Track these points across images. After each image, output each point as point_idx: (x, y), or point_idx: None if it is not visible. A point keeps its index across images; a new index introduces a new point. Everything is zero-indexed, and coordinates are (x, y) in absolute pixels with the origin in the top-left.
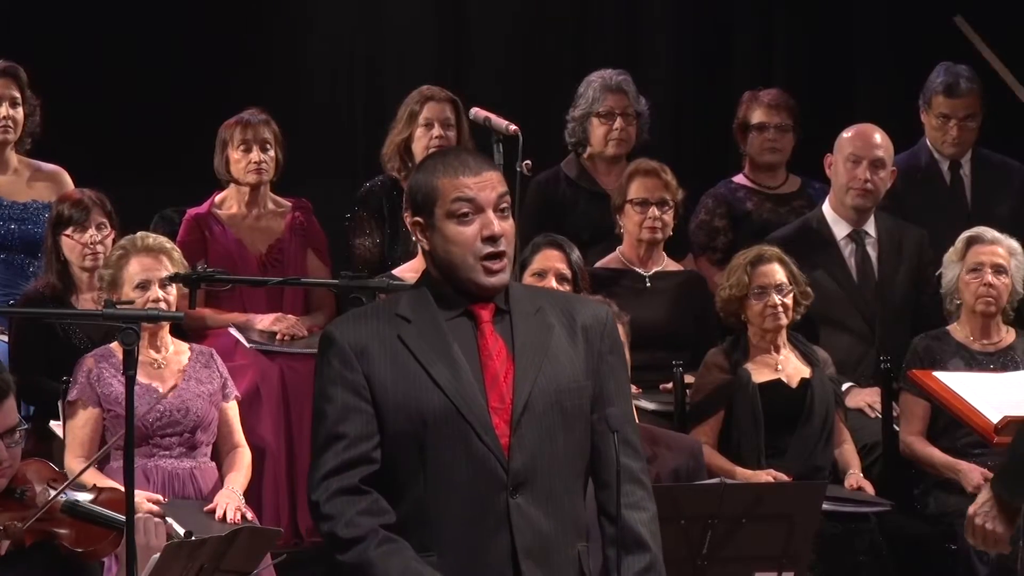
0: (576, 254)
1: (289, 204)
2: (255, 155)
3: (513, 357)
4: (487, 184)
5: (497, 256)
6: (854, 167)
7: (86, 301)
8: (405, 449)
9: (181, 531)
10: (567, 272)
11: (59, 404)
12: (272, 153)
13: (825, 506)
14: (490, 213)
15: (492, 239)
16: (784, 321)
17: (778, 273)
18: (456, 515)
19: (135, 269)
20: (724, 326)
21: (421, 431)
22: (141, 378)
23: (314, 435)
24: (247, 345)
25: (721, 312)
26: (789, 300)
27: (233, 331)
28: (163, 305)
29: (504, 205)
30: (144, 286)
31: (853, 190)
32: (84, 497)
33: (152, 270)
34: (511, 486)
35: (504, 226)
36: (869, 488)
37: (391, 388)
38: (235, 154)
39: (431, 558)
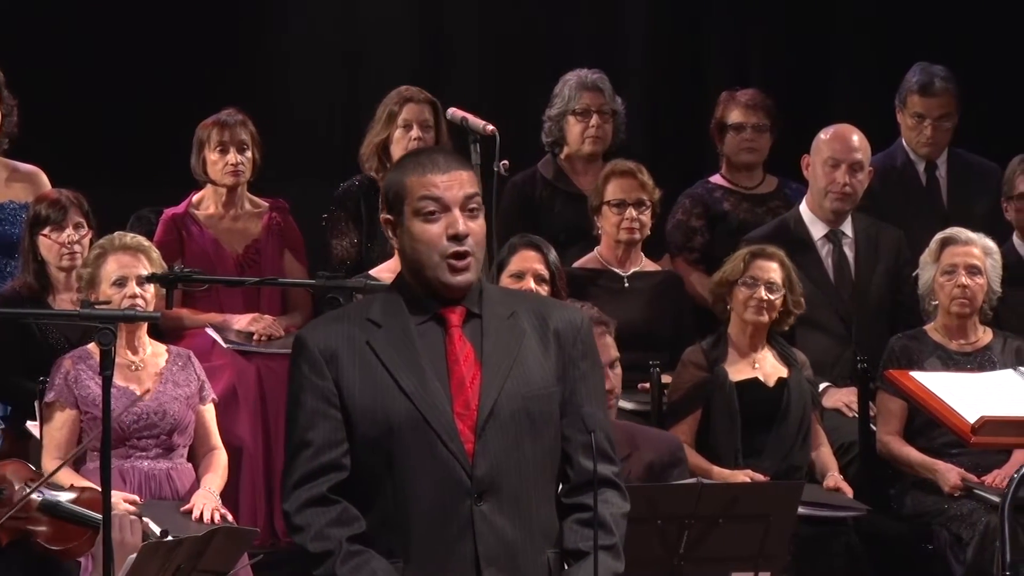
0: (553, 255)
1: (266, 204)
2: (232, 157)
3: (480, 362)
4: (455, 183)
5: (461, 255)
6: (832, 171)
7: (63, 301)
8: (372, 456)
9: (157, 530)
10: (545, 273)
11: (36, 404)
12: (249, 154)
13: (800, 510)
14: (456, 212)
15: (456, 238)
16: (766, 319)
17: (774, 271)
18: (421, 522)
19: (112, 267)
20: (711, 311)
21: (387, 438)
22: (118, 380)
23: (286, 441)
24: (224, 345)
25: (710, 296)
26: (777, 301)
27: (210, 331)
28: (140, 302)
29: (473, 205)
30: (121, 283)
31: (832, 193)
32: (62, 497)
33: (129, 267)
34: (476, 493)
35: (471, 226)
36: (848, 490)
37: (359, 394)
38: (212, 155)
39: (397, 565)
